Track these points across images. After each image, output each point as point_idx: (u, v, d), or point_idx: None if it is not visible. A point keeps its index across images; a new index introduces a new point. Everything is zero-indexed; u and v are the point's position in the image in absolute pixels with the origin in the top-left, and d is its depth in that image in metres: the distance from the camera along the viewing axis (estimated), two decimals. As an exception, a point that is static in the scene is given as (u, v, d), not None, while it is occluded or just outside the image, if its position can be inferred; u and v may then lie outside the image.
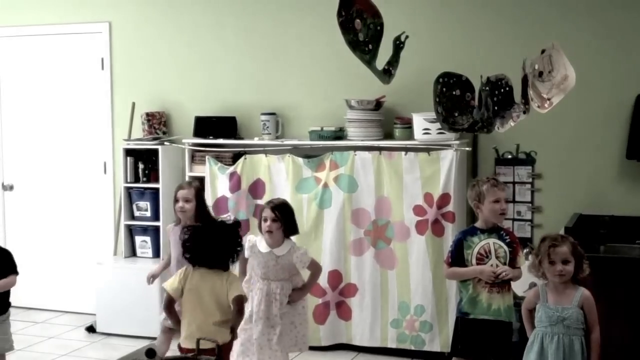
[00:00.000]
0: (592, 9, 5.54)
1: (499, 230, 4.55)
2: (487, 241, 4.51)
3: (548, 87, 4.16)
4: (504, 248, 4.49)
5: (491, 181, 4.59)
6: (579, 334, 3.93)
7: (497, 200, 4.49)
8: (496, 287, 4.45)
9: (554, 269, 3.93)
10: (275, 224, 4.69)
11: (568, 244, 3.95)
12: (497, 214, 4.51)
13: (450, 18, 5.87)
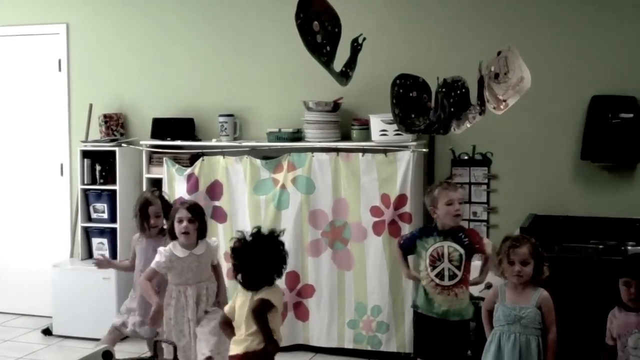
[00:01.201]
0: (548, 10, 5.61)
1: (457, 232, 4.59)
2: (441, 244, 4.55)
3: (504, 88, 4.21)
4: (459, 252, 4.52)
5: (443, 184, 4.65)
6: (536, 334, 3.97)
7: (450, 202, 4.53)
8: (447, 289, 4.50)
9: (513, 270, 3.98)
10: (192, 225, 4.67)
11: (528, 245, 3.99)
12: (452, 216, 4.54)
13: (407, 20, 5.91)
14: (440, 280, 4.51)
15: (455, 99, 4.12)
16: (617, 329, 3.84)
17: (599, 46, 5.51)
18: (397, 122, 4.06)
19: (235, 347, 3.98)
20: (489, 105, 4.19)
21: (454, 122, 4.15)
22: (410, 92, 4.04)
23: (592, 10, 5.53)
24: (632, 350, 3.77)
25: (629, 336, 3.78)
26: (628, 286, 3.76)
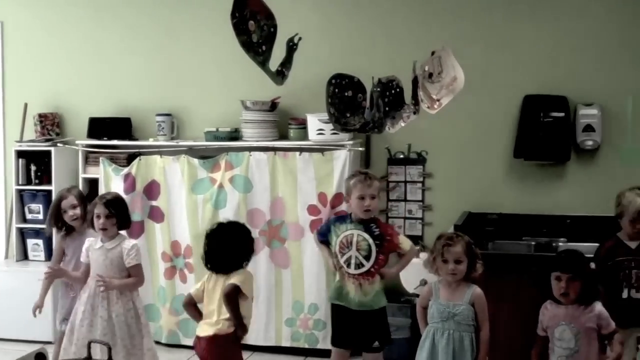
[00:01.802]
0: (481, 11, 5.71)
1: (370, 222, 4.63)
2: (351, 232, 4.59)
3: (438, 88, 4.29)
4: (367, 241, 4.56)
5: (360, 176, 4.67)
6: (469, 331, 4.02)
7: (361, 197, 4.58)
8: (354, 278, 4.55)
9: (447, 268, 4.02)
10: (109, 221, 4.63)
11: (462, 243, 4.03)
12: (362, 210, 4.59)
13: (344, 20, 5.96)
14: (347, 268, 4.57)
15: (389, 98, 4.19)
16: (547, 320, 3.94)
17: (531, 47, 5.63)
18: (332, 122, 4.10)
19: (206, 328, 4.16)
20: (423, 104, 4.27)
21: (388, 122, 4.21)
22: (345, 92, 4.08)
23: (524, 10, 5.64)
24: (557, 341, 3.88)
25: (556, 327, 3.88)
26: (559, 280, 3.86)
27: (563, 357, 3.85)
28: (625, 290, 4.47)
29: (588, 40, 5.54)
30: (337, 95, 4.06)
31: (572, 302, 3.86)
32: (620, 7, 5.51)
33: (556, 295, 3.89)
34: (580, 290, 3.85)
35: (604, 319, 3.86)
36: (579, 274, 3.85)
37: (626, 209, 4.50)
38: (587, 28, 5.54)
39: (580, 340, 3.82)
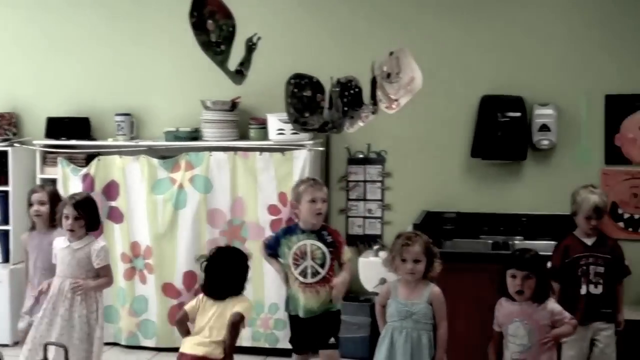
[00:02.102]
0: (439, 12, 5.76)
1: (321, 230, 4.64)
2: (304, 242, 4.59)
3: (396, 88, 4.32)
4: (322, 249, 4.57)
5: (309, 182, 4.70)
6: (427, 329, 4.04)
7: (313, 200, 4.58)
8: (310, 287, 4.55)
9: (405, 267, 4.04)
10: (77, 222, 4.60)
11: (420, 242, 4.06)
12: (314, 214, 4.59)
13: (303, 20, 5.97)
14: (303, 278, 4.55)
15: (348, 98, 4.21)
16: (502, 317, 3.99)
17: (489, 48, 5.70)
18: (291, 121, 4.12)
19: (195, 347, 4.07)
20: (382, 104, 4.30)
21: (347, 121, 4.24)
22: (304, 92, 4.10)
23: (482, 12, 5.72)
24: (511, 337, 3.92)
25: (510, 324, 3.93)
26: (514, 278, 3.91)
27: (517, 353, 3.90)
28: (584, 287, 4.56)
29: (544, 41, 5.62)
30: (296, 95, 4.08)
31: (527, 299, 3.92)
32: (575, 9, 5.60)
33: (511, 293, 3.94)
34: (535, 288, 3.90)
35: (558, 314, 3.93)
36: (534, 272, 3.90)
37: (580, 206, 4.60)
38: (543, 29, 5.63)
39: (534, 337, 3.87)
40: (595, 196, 4.60)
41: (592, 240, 4.63)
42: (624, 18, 5.50)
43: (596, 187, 4.79)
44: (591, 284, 4.55)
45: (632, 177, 5.52)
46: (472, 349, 4.91)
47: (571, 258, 4.59)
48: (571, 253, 4.60)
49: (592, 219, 4.57)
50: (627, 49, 5.50)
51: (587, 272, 4.56)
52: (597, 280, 4.55)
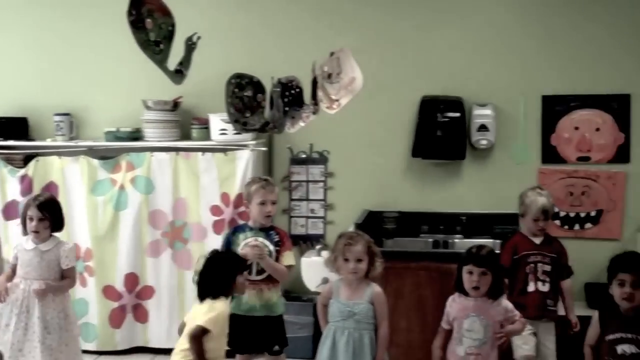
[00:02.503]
0: (380, 13, 5.79)
1: (269, 230, 4.66)
2: (252, 239, 4.61)
3: (337, 88, 4.35)
4: (269, 248, 4.58)
5: (261, 182, 4.69)
6: (369, 329, 4.07)
7: (262, 202, 4.60)
8: (254, 284, 4.54)
9: (348, 267, 4.06)
10: (42, 224, 4.56)
11: (363, 242, 4.09)
12: (264, 216, 4.61)
13: (245, 20, 5.95)
14: (248, 275, 4.52)
15: (289, 98, 4.23)
16: (455, 312, 4.01)
17: (429, 49, 5.75)
18: (232, 121, 4.11)
19: (173, 356, 3.94)
20: (323, 104, 4.32)
21: (288, 121, 4.25)
22: (245, 92, 4.10)
23: (421, 14, 5.77)
24: (467, 332, 3.95)
25: (465, 319, 3.96)
26: (470, 274, 3.95)
27: (472, 348, 3.93)
28: (532, 284, 4.65)
29: (482, 43, 5.70)
30: (237, 95, 4.08)
31: (482, 295, 3.96)
32: (512, 12, 5.69)
33: (467, 289, 3.97)
34: (490, 284, 3.96)
35: (510, 311, 4.00)
36: (491, 269, 3.95)
37: (529, 208, 4.70)
38: (482, 32, 5.71)
39: (489, 332, 3.92)
40: (543, 198, 4.70)
41: (540, 239, 4.74)
42: (560, 21, 5.61)
43: (543, 189, 4.89)
44: (539, 281, 4.65)
45: (568, 176, 5.64)
46: (413, 347, 4.99)
47: (520, 255, 4.68)
48: (520, 251, 4.70)
49: (539, 221, 4.69)
50: (563, 51, 5.61)
51: (535, 269, 4.66)
52: (544, 278, 4.65)
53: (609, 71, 5.57)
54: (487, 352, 3.93)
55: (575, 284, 5.45)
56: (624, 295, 3.72)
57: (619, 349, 3.71)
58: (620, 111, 5.56)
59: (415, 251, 5.34)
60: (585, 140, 5.61)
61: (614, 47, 5.55)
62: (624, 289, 3.72)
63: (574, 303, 4.87)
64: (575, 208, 5.65)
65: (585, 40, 5.59)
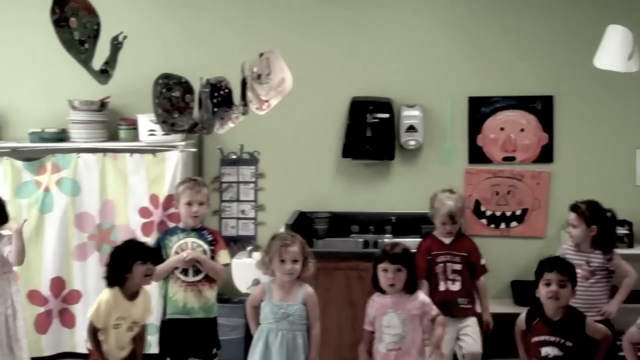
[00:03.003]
0: (310, 14, 5.82)
1: (201, 230, 4.66)
2: (185, 240, 4.60)
3: (266, 89, 4.33)
4: (203, 247, 4.59)
5: (189, 183, 4.69)
6: (302, 330, 4.10)
7: (189, 203, 4.59)
8: (192, 285, 4.54)
9: (284, 268, 4.07)
10: None
11: (298, 243, 4.11)
12: (190, 216, 4.60)
13: (173, 19, 5.90)
14: (185, 277, 4.55)
15: (218, 99, 4.19)
16: (375, 311, 4.07)
17: (359, 51, 5.80)
18: (159, 122, 4.06)
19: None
20: (252, 105, 4.30)
21: (217, 122, 4.21)
22: (173, 92, 4.06)
23: (350, 16, 5.81)
24: (385, 328, 4.01)
25: (384, 316, 4.02)
26: (385, 272, 4.00)
27: (392, 344, 3.98)
28: (442, 283, 4.72)
29: (410, 45, 5.78)
30: (165, 96, 4.03)
31: (398, 291, 4.02)
32: (440, 15, 5.77)
33: (383, 286, 4.03)
34: (406, 280, 4.01)
35: (427, 305, 4.06)
36: (405, 265, 4.01)
37: (437, 211, 4.77)
38: (410, 34, 5.78)
39: (407, 326, 3.98)
40: (451, 202, 4.76)
41: (450, 239, 4.81)
42: (486, 24, 5.73)
43: (454, 191, 4.93)
44: (449, 280, 4.72)
45: (494, 175, 5.75)
46: (345, 347, 5.02)
47: (431, 256, 4.76)
48: (431, 251, 4.78)
49: (447, 225, 4.76)
50: (488, 53, 5.73)
51: (445, 269, 4.73)
52: (454, 277, 4.72)
53: (532, 73, 5.71)
54: (408, 347, 3.98)
55: (502, 281, 5.62)
56: (549, 294, 3.81)
57: (543, 351, 3.83)
58: (543, 112, 5.70)
59: (346, 251, 5.40)
60: (511, 141, 5.73)
61: (538, 50, 5.69)
62: (550, 288, 3.81)
63: (501, 300, 4.96)
64: (501, 207, 5.76)
65: (510, 43, 5.71)
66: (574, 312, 3.92)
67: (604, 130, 5.69)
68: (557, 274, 3.82)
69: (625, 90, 5.59)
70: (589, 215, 4.46)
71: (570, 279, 3.86)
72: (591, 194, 4.76)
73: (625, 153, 5.70)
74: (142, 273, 4.16)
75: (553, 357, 3.79)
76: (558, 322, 3.85)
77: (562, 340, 3.80)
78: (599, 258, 4.45)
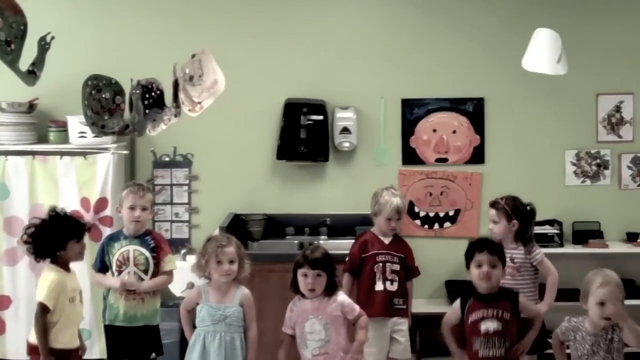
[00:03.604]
0: (242, 15, 5.81)
1: (144, 235, 4.60)
2: (127, 248, 4.54)
3: (198, 91, 4.29)
4: (145, 255, 4.54)
5: (132, 187, 4.63)
6: (240, 331, 4.08)
7: (132, 207, 4.54)
8: (133, 294, 4.49)
9: (222, 269, 4.04)
10: None
11: (234, 244, 4.09)
12: (131, 220, 4.55)
13: (103, 20, 5.82)
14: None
15: (150, 100, 4.14)
16: (296, 316, 4.06)
17: (293, 53, 5.81)
18: (89, 124, 3.99)
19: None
20: (184, 107, 4.26)
21: (149, 124, 4.16)
22: (103, 94, 4.00)
23: (285, 18, 5.81)
24: (309, 335, 4.01)
25: (305, 322, 4.02)
26: (305, 277, 4.00)
27: (317, 349, 3.99)
28: (380, 283, 4.74)
29: (344, 47, 5.81)
30: (95, 97, 3.96)
31: (318, 296, 4.02)
32: (373, 15, 5.82)
33: (303, 291, 4.02)
34: (326, 284, 4.01)
35: (347, 305, 4.05)
36: (325, 270, 4.00)
37: (383, 207, 4.78)
38: (344, 36, 5.81)
39: (330, 330, 3.98)
40: (397, 199, 4.81)
41: (389, 239, 4.83)
42: (419, 26, 5.80)
43: (396, 189, 5.00)
44: (387, 280, 4.75)
45: (427, 176, 5.82)
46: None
47: (369, 254, 4.76)
48: (369, 249, 4.78)
49: (392, 220, 4.78)
50: (420, 56, 5.80)
51: (384, 269, 4.75)
52: (393, 277, 4.75)
53: (464, 75, 5.80)
54: (334, 350, 3.98)
55: (436, 281, 5.69)
56: (481, 275, 3.85)
57: (482, 327, 3.83)
58: (475, 114, 5.79)
59: (281, 253, 5.39)
60: (443, 142, 5.81)
61: (470, 52, 5.79)
62: (482, 269, 3.85)
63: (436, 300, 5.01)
64: (435, 208, 5.83)
65: (442, 45, 5.79)
66: (506, 290, 3.99)
67: (533, 132, 5.81)
68: (488, 254, 3.86)
69: (554, 92, 5.71)
70: (509, 210, 4.48)
71: (500, 259, 3.91)
72: (522, 194, 4.82)
73: (555, 154, 5.84)
74: (77, 251, 4.18)
75: (494, 331, 3.81)
76: (493, 296, 3.88)
77: (500, 312, 3.83)
78: (521, 253, 4.47)
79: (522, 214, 4.51)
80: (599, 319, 3.66)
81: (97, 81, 3.95)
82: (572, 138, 5.83)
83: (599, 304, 3.64)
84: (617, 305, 3.61)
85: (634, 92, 5.83)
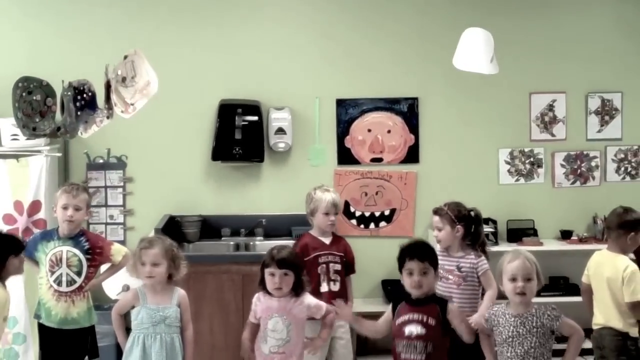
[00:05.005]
0: (174, 16, 5.77)
1: (79, 236, 4.56)
2: (60, 249, 4.50)
3: (131, 92, 4.28)
4: (78, 256, 4.50)
5: (66, 187, 4.59)
6: (178, 332, 4.08)
7: (65, 207, 4.49)
8: (65, 295, 4.46)
9: (144, 271, 4.04)
10: None
11: (160, 246, 4.07)
12: (64, 220, 4.50)
13: (35, 20, 5.74)
14: (58, 286, 4.46)
15: (81, 102, 4.12)
16: (260, 311, 4.08)
17: (227, 53, 5.80)
18: (20, 127, 3.96)
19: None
20: (117, 109, 4.24)
21: (81, 126, 4.14)
22: (34, 96, 3.97)
23: (218, 18, 5.81)
24: (271, 332, 4.02)
25: (269, 319, 4.03)
26: (272, 276, 4.01)
27: (275, 347, 4.00)
28: (324, 284, 4.78)
29: (278, 47, 5.83)
30: (25, 100, 3.93)
31: (284, 295, 4.04)
32: (308, 16, 5.86)
33: (270, 290, 4.03)
34: (293, 283, 4.04)
35: (314, 307, 4.09)
36: (292, 269, 4.03)
37: (319, 203, 4.84)
38: (277, 35, 5.83)
39: (292, 331, 4.01)
40: (331, 194, 4.89)
41: (329, 239, 4.88)
42: (354, 27, 5.85)
43: (329, 187, 5.06)
44: (331, 281, 4.79)
45: (362, 176, 5.87)
46: (217, 349, 5.03)
47: (312, 256, 4.80)
48: (311, 251, 4.81)
49: (330, 215, 4.83)
50: (355, 56, 5.85)
51: (327, 269, 4.79)
52: (335, 277, 4.80)
53: (398, 76, 5.87)
54: (291, 350, 4.01)
55: (372, 281, 5.75)
56: (413, 284, 3.85)
57: (406, 330, 3.83)
58: (409, 113, 5.87)
59: (217, 255, 5.41)
60: (378, 142, 5.87)
61: (403, 52, 5.86)
62: (413, 278, 3.85)
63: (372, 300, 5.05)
64: (370, 208, 5.89)
65: (376, 45, 5.86)
66: (437, 296, 3.98)
67: (467, 131, 5.91)
68: (418, 261, 3.84)
69: (487, 92, 5.81)
70: (453, 216, 4.46)
71: (431, 263, 3.87)
72: (456, 193, 4.92)
73: (489, 153, 5.94)
74: (16, 267, 4.07)
75: (416, 335, 3.80)
76: (421, 301, 3.87)
77: (424, 318, 3.82)
78: (468, 262, 4.44)
79: (466, 220, 4.48)
80: (513, 294, 3.73)
81: (27, 83, 3.94)
82: (506, 137, 5.95)
83: (511, 280, 3.72)
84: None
85: (566, 90, 5.96)
